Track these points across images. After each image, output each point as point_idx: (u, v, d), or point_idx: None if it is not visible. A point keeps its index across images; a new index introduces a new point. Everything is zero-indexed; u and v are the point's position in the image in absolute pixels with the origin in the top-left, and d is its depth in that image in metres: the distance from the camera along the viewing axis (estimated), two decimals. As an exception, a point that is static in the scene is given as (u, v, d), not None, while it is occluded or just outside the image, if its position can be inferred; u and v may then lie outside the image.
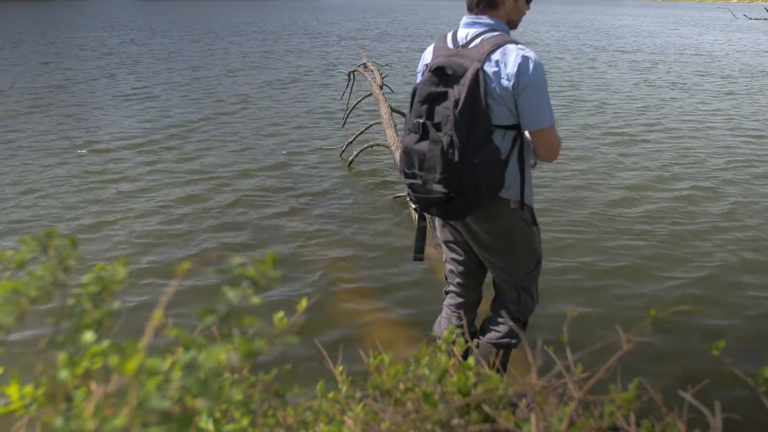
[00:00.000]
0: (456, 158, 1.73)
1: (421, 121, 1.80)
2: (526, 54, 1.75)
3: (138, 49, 14.82)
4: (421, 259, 2.12)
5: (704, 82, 11.05)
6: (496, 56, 1.75)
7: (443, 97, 1.76)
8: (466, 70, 1.73)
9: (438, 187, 1.78)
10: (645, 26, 27.54)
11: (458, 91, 1.72)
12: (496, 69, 1.74)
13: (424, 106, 1.80)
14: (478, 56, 1.75)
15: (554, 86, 9.65)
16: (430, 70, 1.80)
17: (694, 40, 20.56)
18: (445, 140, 1.74)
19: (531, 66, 1.74)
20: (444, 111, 1.75)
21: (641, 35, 22.06)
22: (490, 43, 1.77)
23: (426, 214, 2.00)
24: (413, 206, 1.97)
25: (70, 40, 16.71)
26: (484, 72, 1.74)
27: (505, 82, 1.74)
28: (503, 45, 1.76)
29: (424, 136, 1.81)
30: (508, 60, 1.74)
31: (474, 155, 1.74)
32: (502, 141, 1.81)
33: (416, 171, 1.84)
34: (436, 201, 1.83)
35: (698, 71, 12.45)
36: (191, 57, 13.58)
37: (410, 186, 1.89)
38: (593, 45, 17.84)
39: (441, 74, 1.77)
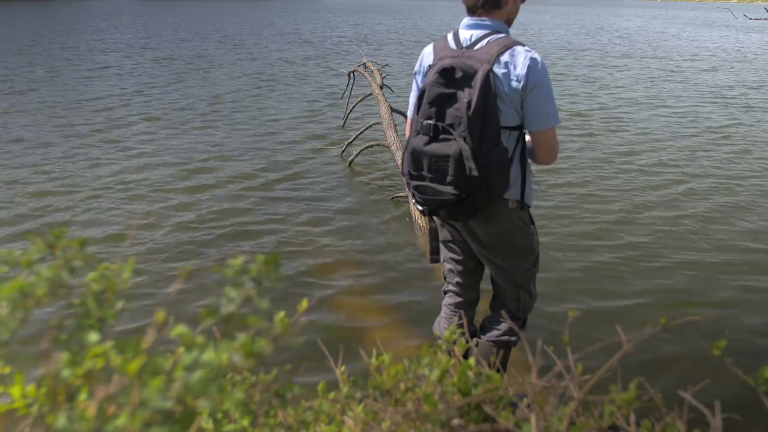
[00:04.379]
0: (468, 159, 1.72)
1: (432, 122, 1.77)
2: (534, 56, 1.77)
3: (134, 50, 14.81)
4: (437, 261, 2.13)
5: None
6: (504, 58, 1.76)
7: (452, 98, 1.75)
8: (475, 71, 1.73)
9: (449, 189, 1.77)
10: (659, 28, 26.89)
11: (469, 93, 1.71)
12: (505, 70, 1.75)
13: (434, 108, 1.78)
14: (486, 58, 1.75)
15: (596, 104, 8.72)
16: (437, 72, 1.77)
17: (716, 43, 19.70)
18: (459, 141, 1.73)
19: (539, 67, 1.77)
20: (455, 112, 1.74)
21: (661, 38, 21.19)
22: (497, 45, 1.77)
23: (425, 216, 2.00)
24: (420, 209, 1.93)
25: (82, 44, 16.69)
26: (494, 74, 1.74)
27: (514, 83, 1.76)
28: (511, 47, 1.77)
29: (435, 137, 1.78)
30: (517, 61, 1.75)
31: (486, 156, 1.74)
32: (507, 142, 1.82)
33: (425, 173, 1.81)
34: (445, 203, 1.81)
35: (744, 81, 11.32)
36: (189, 55, 13.57)
37: (417, 188, 1.86)
38: (619, 51, 16.47)
39: (448, 75, 1.76)
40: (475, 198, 1.77)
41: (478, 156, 1.73)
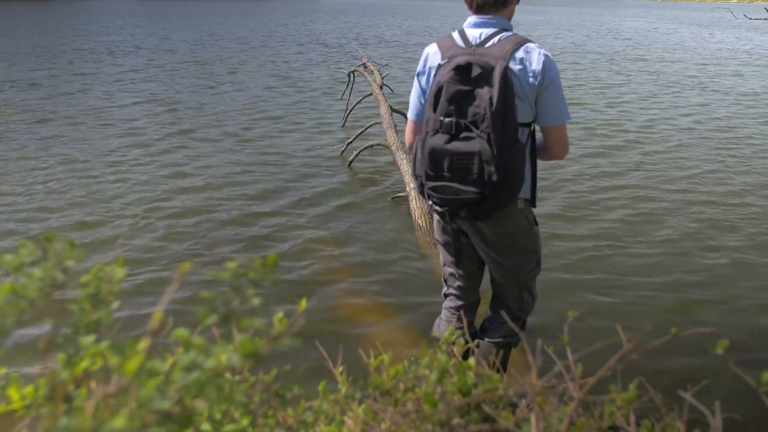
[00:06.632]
0: (494, 156, 1.72)
1: (454, 120, 1.75)
2: (546, 52, 1.80)
3: (137, 48, 14.81)
4: (461, 264, 2.12)
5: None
6: (519, 54, 1.76)
7: (470, 95, 1.74)
8: (493, 68, 1.72)
9: (472, 188, 1.75)
10: (666, 29, 26.34)
11: (489, 90, 1.71)
12: (521, 67, 1.76)
13: (453, 106, 1.75)
14: (501, 55, 1.75)
15: (621, 114, 8.09)
16: (452, 69, 1.75)
17: (730, 44, 19.05)
18: (483, 139, 1.71)
19: (552, 64, 1.79)
20: (475, 110, 1.72)
21: (672, 40, 20.59)
22: (510, 42, 1.78)
23: (425, 216, 1.99)
24: (439, 210, 1.89)
25: (88, 45, 16.67)
26: (510, 70, 1.74)
27: (531, 80, 1.77)
28: (523, 44, 1.79)
29: (456, 135, 1.76)
30: (532, 58, 1.77)
31: (509, 152, 1.73)
32: (521, 138, 1.82)
33: (444, 173, 1.78)
34: (467, 202, 1.79)
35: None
36: (190, 55, 13.57)
37: (434, 188, 1.82)
38: (634, 54, 15.68)
39: (463, 72, 1.74)
40: (497, 195, 1.76)
41: (501, 153, 1.72)
